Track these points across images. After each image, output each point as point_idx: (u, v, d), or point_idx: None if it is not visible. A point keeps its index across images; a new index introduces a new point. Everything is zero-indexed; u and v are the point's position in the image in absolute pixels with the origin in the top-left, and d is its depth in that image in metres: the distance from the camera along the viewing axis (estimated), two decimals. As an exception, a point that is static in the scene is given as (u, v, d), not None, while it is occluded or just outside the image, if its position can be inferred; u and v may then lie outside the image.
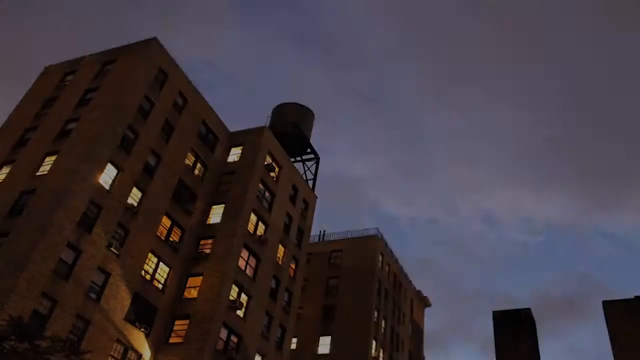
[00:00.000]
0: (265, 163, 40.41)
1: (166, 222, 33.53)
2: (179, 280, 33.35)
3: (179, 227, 34.47)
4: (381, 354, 50.88)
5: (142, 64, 33.92)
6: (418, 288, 67.35)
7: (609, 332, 42.27)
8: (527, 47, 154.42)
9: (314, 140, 70.56)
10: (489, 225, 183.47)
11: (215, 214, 36.78)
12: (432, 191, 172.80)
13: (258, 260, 37.09)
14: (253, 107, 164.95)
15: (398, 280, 60.18)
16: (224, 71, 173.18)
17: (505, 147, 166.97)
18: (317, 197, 47.76)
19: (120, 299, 28.81)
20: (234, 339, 33.00)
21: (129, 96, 32.28)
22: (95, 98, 33.15)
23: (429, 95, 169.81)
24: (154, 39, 35.71)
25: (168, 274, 32.77)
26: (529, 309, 49.36)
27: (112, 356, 27.98)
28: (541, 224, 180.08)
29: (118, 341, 28.27)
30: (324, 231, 59.30)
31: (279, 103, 51.47)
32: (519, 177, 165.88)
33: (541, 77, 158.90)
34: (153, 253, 31.92)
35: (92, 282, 27.45)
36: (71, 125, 31.98)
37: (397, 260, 60.99)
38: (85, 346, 25.37)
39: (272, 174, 41.07)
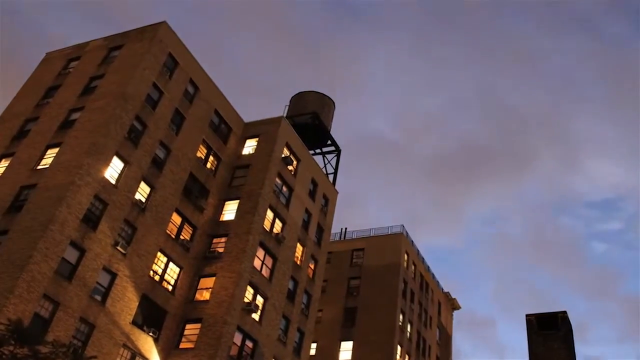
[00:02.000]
0: (283, 156, 39.12)
1: (176, 219, 32.56)
2: (190, 281, 32.39)
3: (190, 224, 33.49)
4: (406, 360, 49.07)
5: (151, 50, 32.79)
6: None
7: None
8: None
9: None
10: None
11: (229, 210, 35.68)
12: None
13: (275, 259, 35.92)
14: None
15: (425, 280, 58.29)
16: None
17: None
18: (338, 192, 46.50)
19: (127, 301, 28.02)
20: (248, 343, 31.96)
21: (137, 84, 31.24)
22: (100, 86, 32.25)
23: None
24: (163, 22, 34.58)
25: (178, 275, 31.85)
26: (565, 311, 47.20)
27: (118, 362, 27.25)
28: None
29: (124, 346, 27.48)
30: (345, 229, 57.82)
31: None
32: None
33: None
34: (162, 252, 31.00)
35: (97, 283, 26.71)
36: (75, 116, 31.13)
37: (423, 259, 58.98)
38: (90, 351, 24.76)
39: (289, 167, 39.78)
